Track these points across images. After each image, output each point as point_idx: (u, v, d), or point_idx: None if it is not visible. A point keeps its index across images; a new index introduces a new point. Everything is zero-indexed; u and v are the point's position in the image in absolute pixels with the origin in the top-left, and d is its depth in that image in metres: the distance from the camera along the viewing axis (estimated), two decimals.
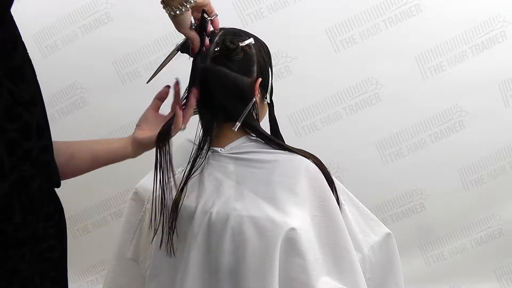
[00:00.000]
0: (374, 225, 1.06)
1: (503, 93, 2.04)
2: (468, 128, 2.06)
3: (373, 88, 2.04)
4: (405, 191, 2.14)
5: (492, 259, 2.19)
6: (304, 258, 0.87)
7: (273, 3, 1.98)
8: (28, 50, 0.78)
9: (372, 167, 2.10)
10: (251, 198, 0.90)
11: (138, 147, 0.95)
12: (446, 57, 2.00)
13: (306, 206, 0.91)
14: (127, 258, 1.06)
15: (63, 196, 0.81)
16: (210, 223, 0.90)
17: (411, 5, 1.96)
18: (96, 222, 2.23)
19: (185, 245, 0.93)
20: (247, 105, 0.94)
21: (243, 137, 0.99)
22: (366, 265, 1.01)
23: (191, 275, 0.91)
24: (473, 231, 2.17)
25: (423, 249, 2.20)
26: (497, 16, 1.96)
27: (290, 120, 2.07)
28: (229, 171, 0.94)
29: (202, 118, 0.98)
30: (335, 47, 2.01)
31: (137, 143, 0.94)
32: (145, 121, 0.97)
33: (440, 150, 2.08)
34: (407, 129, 2.08)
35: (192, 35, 0.90)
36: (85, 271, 2.30)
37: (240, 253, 0.88)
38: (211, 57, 0.91)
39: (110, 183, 2.14)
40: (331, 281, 0.91)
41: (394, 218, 2.15)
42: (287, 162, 0.94)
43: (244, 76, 0.93)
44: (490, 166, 2.10)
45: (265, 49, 0.99)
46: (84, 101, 2.09)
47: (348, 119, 2.06)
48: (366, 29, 1.99)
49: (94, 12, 2.00)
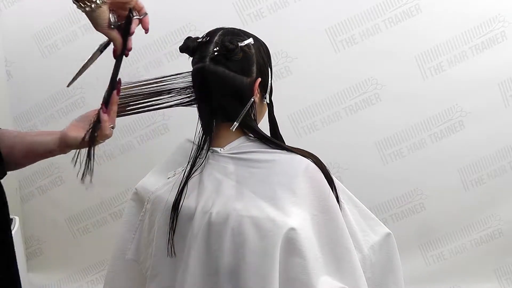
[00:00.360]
0: (374, 224, 1.06)
1: (503, 93, 2.04)
2: (468, 128, 2.06)
3: (373, 88, 2.04)
4: (405, 191, 2.14)
5: (492, 259, 2.19)
6: (304, 257, 0.87)
7: (273, 3, 1.98)
8: (28, 50, 0.78)
9: (372, 167, 2.10)
10: (251, 198, 0.90)
11: (64, 144, 0.90)
12: (446, 57, 2.00)
13: (306, 205, 0.91)
14: (127, 258, 1.06)
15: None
16: (210, 223, 0.90)
17: (411, 5, 1.96)
18: (96, 222, 2.24)
19: (185, 245, 0.93)
20: (245, 105, 0.94)
21: (243, 137, 0.99)
22: (366, 265, 1.01)
23: (191, 275, 0.91)
24: (473, 231, 2.17)
25: (423, 249, 2.20)
26: (497, 16, 1.96)
27: (290, 120, 2.07)
28: (229, 171, 0.94)
29: (202, 118, 0.98)
30: (335, 47, 2.01)
31: (63, 140, 0.89)
32: (85, 118, 0.91)
33: (440, 150, 2.08)
34: (407, 129, 2.08)
35: (113, 35, 0.84)
36: (85, 271, 2.30)
37: (240, 253, 0.88)
38: (210, 57, 0.91)
39: (110, 183, 2.15)
40: (331, 281, 0.91)
41: (394, 218, 2.15)
42: (286, 162, 0.94)
43: (243, 76, 0.92)
44: (490, 166, 2.10)
45: (264, 49, 0.99)
46: (84, 101, 2.09)
47: (348, 119, 2.07)
48: (366, 29, 1.99)
49: None
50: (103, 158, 2.14)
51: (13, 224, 1.72)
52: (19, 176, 2.22)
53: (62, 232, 2.25)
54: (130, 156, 2.15)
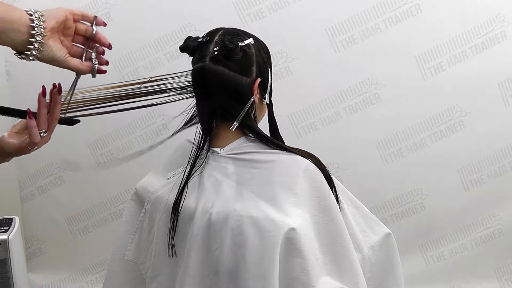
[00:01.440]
0: (374, 225, 1.06)
1: (503, 93, 2.04)
2: (468, 128, 2.06)
3: (373, 88, 2.04)
4: (405, 191, 2.14)
5: (492, 259, 2.19)
6: (304, 258, 0.87)
7: (273, 3, 1.98)
8: None
9: (372, 167, 2.10)
10: (251, 199, 0.90)
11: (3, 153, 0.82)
12: (446, 57, 2.00)
13: (306, 206, 0.91)
14: (127, 259, 1.06)
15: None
16: (210, 224, 0.90)
17: (411, 5, 1.96)
18: (96, 222, 2.24)
19: (185, 245, 0.93)
20: (245, 105, 0.94)
21: (242, 138, 0.98)
22: (366, 265, 1.01)
23: (191, 276, 0.91)
24: (473, 231, 2.17)
25: (423, 249, 2.20)
26: (497, 16, 1.96)
27: (290, 120, 2.07)
28: (228, 172, 0.94)
29: (201, 118, 0.98)
30: (335, 47, 2.01)
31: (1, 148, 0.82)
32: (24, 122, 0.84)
33: (440, 150, 2.08)
34: (407, 129, 2.08)
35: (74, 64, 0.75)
36: (85, 271, 2.30)
37: (240, 253, 0.88)
38: (210, 56, 0.91)
39: (110, 183, 2.15)
40: (331, 281, 0.91)
41: (394, 218, 2.15)
42: (286, 162, 0.94)
43: (243, 76, 0.92)
44: (490, 166, 2.10)
45: (264, 49, 0.99)
46: None
47: (348, 119, 2.07)
48: (366, 29, 1.99)
49: (94, 12, 1.99)
50: (103, 158, 2.14)
51: (13, 224, 1.72)
52: (19, 176, 2.22)
53: (62, 232, 2.25)
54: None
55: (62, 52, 0.73)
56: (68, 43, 0.76)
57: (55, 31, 0.72)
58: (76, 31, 0.77)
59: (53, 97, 0.81)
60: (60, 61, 0.73)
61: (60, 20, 0.72)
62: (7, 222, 1.72)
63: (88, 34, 0.78)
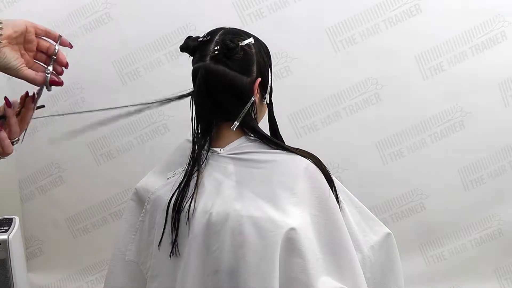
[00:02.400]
0: (374, 225, 1.06)
1: (503, 93, 2.04)
2: (468, 128, 2.06)
3: (373, 88, 2.04)
4: (405, 191, 2.14)
5: (492, 259, 2.19)
6: (304, 258, 0.87)
7: (273, 3, 1.98)
8: None
9: (372, 167, 2.10)
10: (251, 198, 0.90)
11: None
12: (446, 57, 2.00)
13: (306, 206, 0.91)
14: (127, 259, 1.06)
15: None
16: (210, 224, 0.90)
17: (411, 5, 1.96)
18: (96, 222, 2.24)
19: (185, 245, 0.93)
20: (246, 105, 0.94)
21: (242, 137, 0.98)
22: (366, 265, 1.01)
23: (191, 276, 0.91)
24: (473, 231, 2.17)
25: (423, 249, 2.20)
26: (497, 16, 1.96)
27: (290, 120, 2.07)
28: (228, 172, 0.94)
29: (201, 118, 0.98)
30: (335, 47, 2.01)
31: None
32: None
33: (440, 150, 2.08)
34: (407, 129, 2.08)
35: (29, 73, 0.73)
36: (85, 271, 2.30)
37: (240, 253, 0.88)
38: (210, 56, 0.91)
39: (110, 183, 2.15)
40: (331, 281, 0.91)
41: (394, 218, 2.15)
42: (286, 162, 0.94)
43: (244, 76, 0.92)
44: (490, 166, 2.10)
45: (265, 49, 0.99)
46: (84, 101, 2.09)
47: (348, 119, 2.07)
48: (366, 29, 1.99)
49: (94, 12, 2.00)
50: (103, 158, 2.14)
51: (13, 224, 1.72)
52: (19, 176, 2.22)
53: (62, 232, 2.25)
54: (130, 156, 2.15)
55: (18, 61, 0.72)
56: (29, 58, 0.76)
57: (14, 41, 0.72)
58: (39, 47, 0.77)
59: (26, 104, 0.79)
60: (14, 70, 0.72)
61: (19, 30, 0.72)
62: (7, 222, 1.72)
63: (50, 52, 0.77)
